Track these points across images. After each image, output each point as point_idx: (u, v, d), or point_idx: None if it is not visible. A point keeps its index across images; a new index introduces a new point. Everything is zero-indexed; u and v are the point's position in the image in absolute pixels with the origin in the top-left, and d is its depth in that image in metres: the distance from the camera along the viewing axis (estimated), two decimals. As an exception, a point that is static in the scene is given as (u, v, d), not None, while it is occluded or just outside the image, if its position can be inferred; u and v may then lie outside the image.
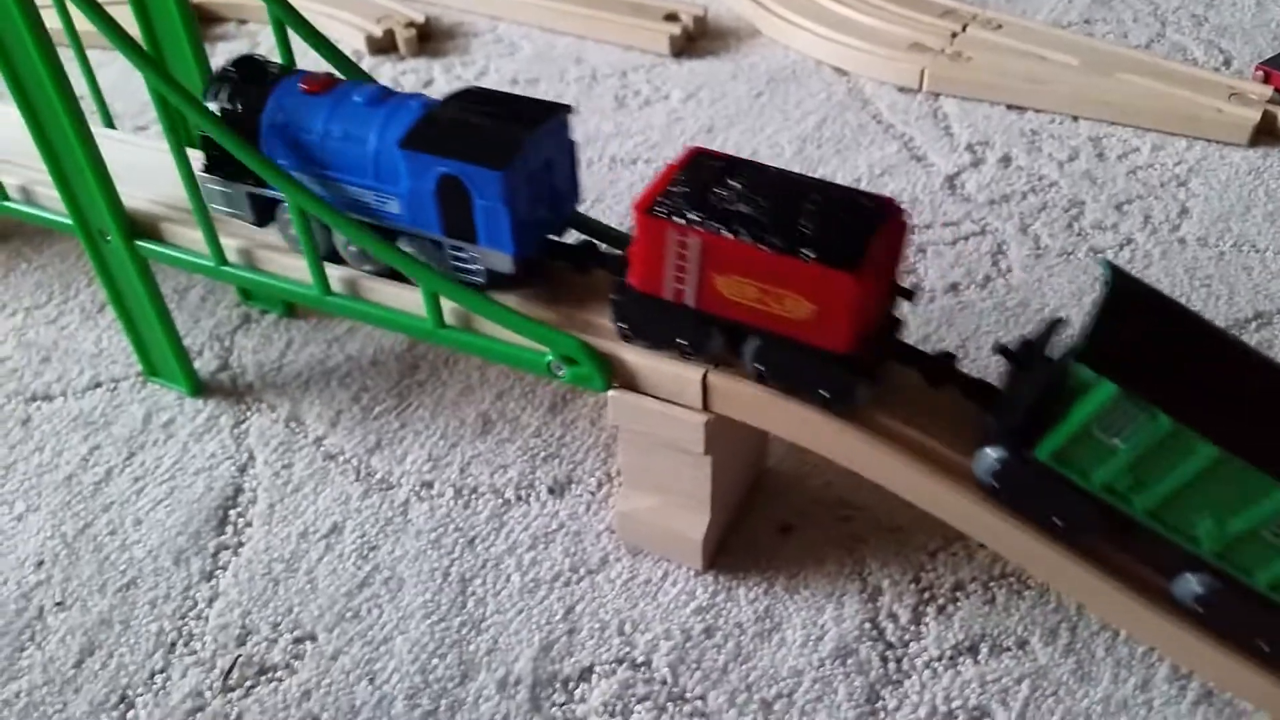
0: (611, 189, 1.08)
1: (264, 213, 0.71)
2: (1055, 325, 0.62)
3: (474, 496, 0.77)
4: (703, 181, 0.58)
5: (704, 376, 0.62)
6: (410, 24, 1.34)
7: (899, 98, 1.21)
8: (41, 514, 0.78)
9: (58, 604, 0.71)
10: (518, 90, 1.26)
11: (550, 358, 0.65)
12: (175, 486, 0.79)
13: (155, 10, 0.79)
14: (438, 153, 0.62)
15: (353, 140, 0.65)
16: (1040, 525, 0.60)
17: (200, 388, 0.86)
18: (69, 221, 0.77)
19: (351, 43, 1.33)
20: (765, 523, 0.74)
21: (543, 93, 1.25)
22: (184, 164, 0.70)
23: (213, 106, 0.67)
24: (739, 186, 0.58)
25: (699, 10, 1.34)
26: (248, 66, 0.69)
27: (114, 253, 0.78)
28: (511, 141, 0.61)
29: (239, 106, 0.67)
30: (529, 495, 0.77)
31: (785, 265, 0.55)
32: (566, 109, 0.66)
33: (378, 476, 0.79)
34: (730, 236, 0.56)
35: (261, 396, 0.86)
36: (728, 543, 0.73)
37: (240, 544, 0.75)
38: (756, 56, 1.31)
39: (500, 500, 0.77)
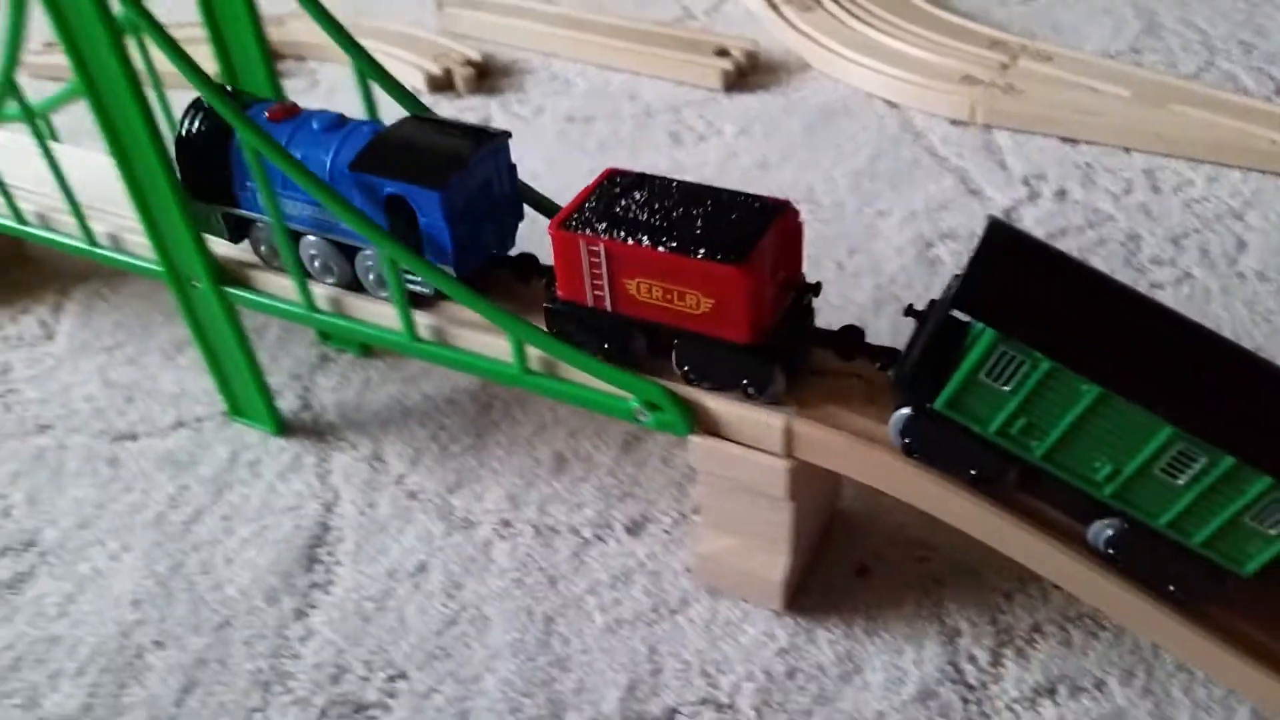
0: (672, 226, 1.10)
1: (238, 231, 0.77)
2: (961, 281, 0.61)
3: (553, 535, 0.79)
4: (611, 196, 0.64)
5: (787, 423, 0.63)
6: (468, 62, 1.37)
7: (951, 130, 1.23)
8: (135, 553, 0.80)
9: (156, 643, 0.74)
10: (574, 127, 1.29)
11: (634, 403, 0.67)
12: (264, 525, 0.81)
13: (236, 52, 0.82)
14: (384, 174, 0.68)
15: (310, 163, 0.70)
16: (957, 478, 0.61)
17: (283, 427, 0.89)
18: (158, 268, 0.80)
19: (411, 81, 1.36)
20: (841, 564, 0.76)
21: (598, 130, 1.28)
22: (277, 215, 0.72)
23: (184, 128, 0.73)
24: (643, 198, 0.64)
25: (750, 45, 1.37)
26: (224, 92, 0.73)
27: (202, 298, 0.80)
28: (451, 163, 0.67)
29: (213, 132, 0.73)
30: (606, 534, 0.79)
31: (682, 264, 0.60)
32: (505, 134, 0.72)
33: (459, 515, 0.81)
34: (632, 242, 0.61)
35: (343, 435, 0.89)
36: (805, 584, 0.74)
37: (330, 582, 0.77)
38: (808, 90, 1.32)
39: (579, 539, 0.79)
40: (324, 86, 1.42)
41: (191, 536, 0.81)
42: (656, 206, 0.63)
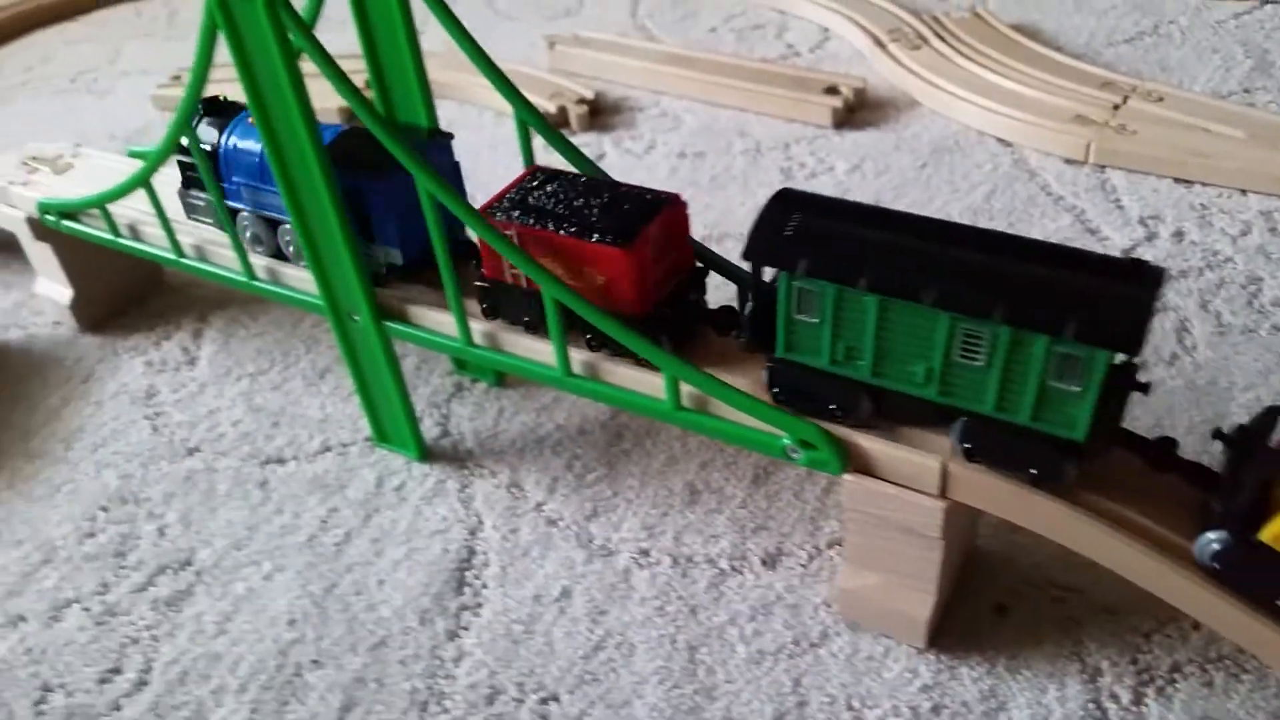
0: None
1: (229, 220, 0.88)
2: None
3: (690, 565, 0.81)
4: (529, 189, 0.75)
5: (944, 464, 0.65)
6: (581, 100, 1.40)
7: (1065, 169, 1.24)
8: (288, 574, 0.84)
9: (314, 661, 0.77)
10: (686, 163, 1.32)
11: (786, 441, 0.69)
12: (413, 548, 0.85)
13: (397, 91, 0.86)
14: (342, 169, 0.77)
15: None
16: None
17: (426, 453, 0.92)
18: (319, 302, 0.84)
19: (526, 116, 1.40)
20: (980, 602, 0.77)
21: (710, 165, 1.31)
22: (445, 252, 0.76)
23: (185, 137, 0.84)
24: (553, 191, 0.74)
25: (858, 83, 1.39)
26: (213, 104, 0.87)
27: (360, 331, 0.84)
28: (396, 161, 0.73)
29: (208, 136, 0.85)
30: (742, 566, 0.81)
31: (578, 247, 0.70)
32: (448, 136, 0.83)
33: (597, 543, 0.84)
34: (539, 228, 0.71)
35: (482, 462, 0.92)
36: (944, 622, 0.75)
37: (479, 605, 0.80)
38: (918, 127, 1.34)
39: (716, 570, 0.81)
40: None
41: (343, 558, 0.85)
42: (564, 198, 0.73)
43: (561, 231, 0.70)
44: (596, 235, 0.69)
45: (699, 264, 0.78)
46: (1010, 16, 1.59)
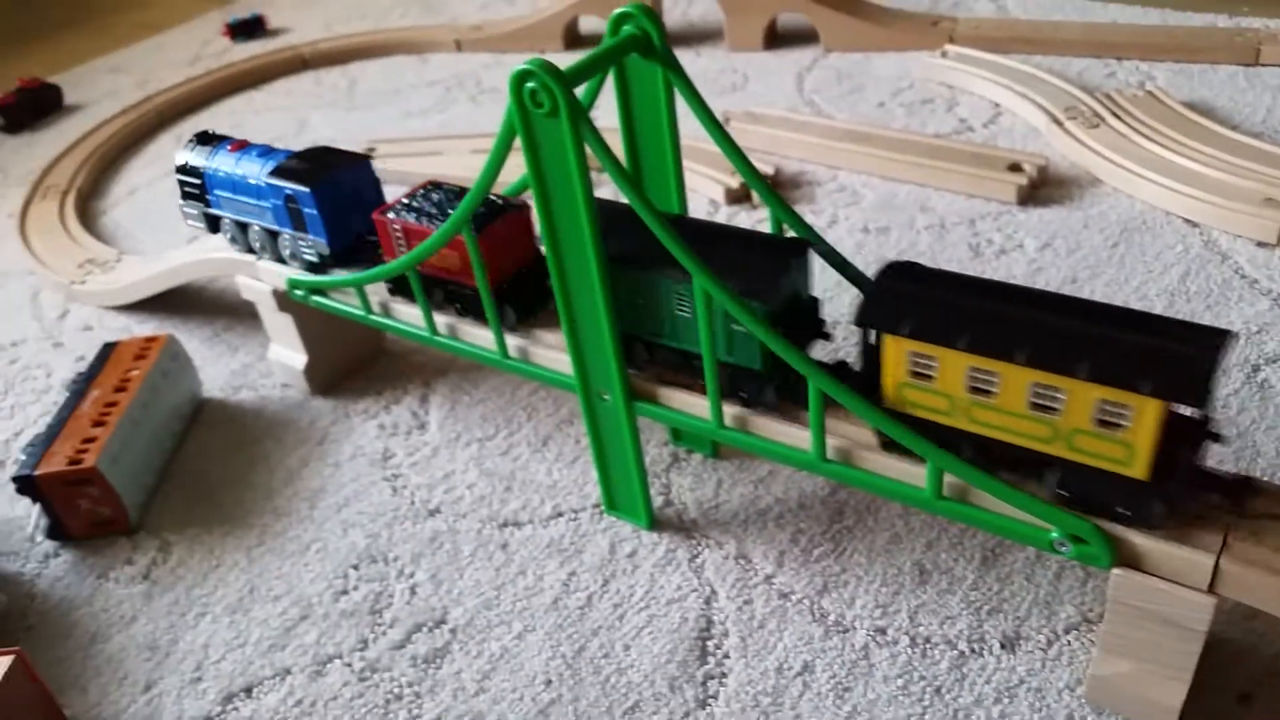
0: (988, 341, 1.15)
1: (213, 224, 1.16)
2: None
3: (929, 646, 0.84)
4: (420, 196, 0.98)
5: (1215, 561, 0.67)
6: (760, 176, 1.46)
7: (1258, 252, 1.24)
8: (538, 634, 0.89)
9: (573, 721, 0.82)
10: (870, 238, 1.36)
11: (1055, 535, 0.71)
12: (653, 615, 0.89)
13: (651, 177, 0.92)
14: (283, 180, 1.04)
15: (249, 175, 1.08)
16: None
17: (654, 522, 0.97)
18: (570, 381, 0.90)
19: (711, 194, 1.46)
20: (1223, 690, 0.78)
21: (895, 240, 1.34)
22: (710, 354, 0.80)
23: (181, 158, 1.15)
24: (438, 199, 0.97)
25: (1041, 160, 1.41)
26: (203, 136, 1.16)
27: (608, 409, 0.89)
28: (324, 173, 1.03)
29: (198, 159, 1.14)
30: (981, 648, 0.83)
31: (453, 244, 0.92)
32: (366, 158, 1.08)
33: (832, 619, 0.87)
34: (414, 222, 0.94)
35: (707, 533, 0.96)
36: (1187, 708, 0.77)
37: (724, 674, 0.84)
38: (1104, 206, 1.36)
39: (955, 651, 0.83)
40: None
41: (587, 621, 0.89)
42: (439, 202, 0.96)
43: (433, 226, 0.93)
44: (455, 227, 0.91)
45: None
46: (1181, 94, 1.60)
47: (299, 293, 1.09)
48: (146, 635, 0.94)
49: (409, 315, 1.01)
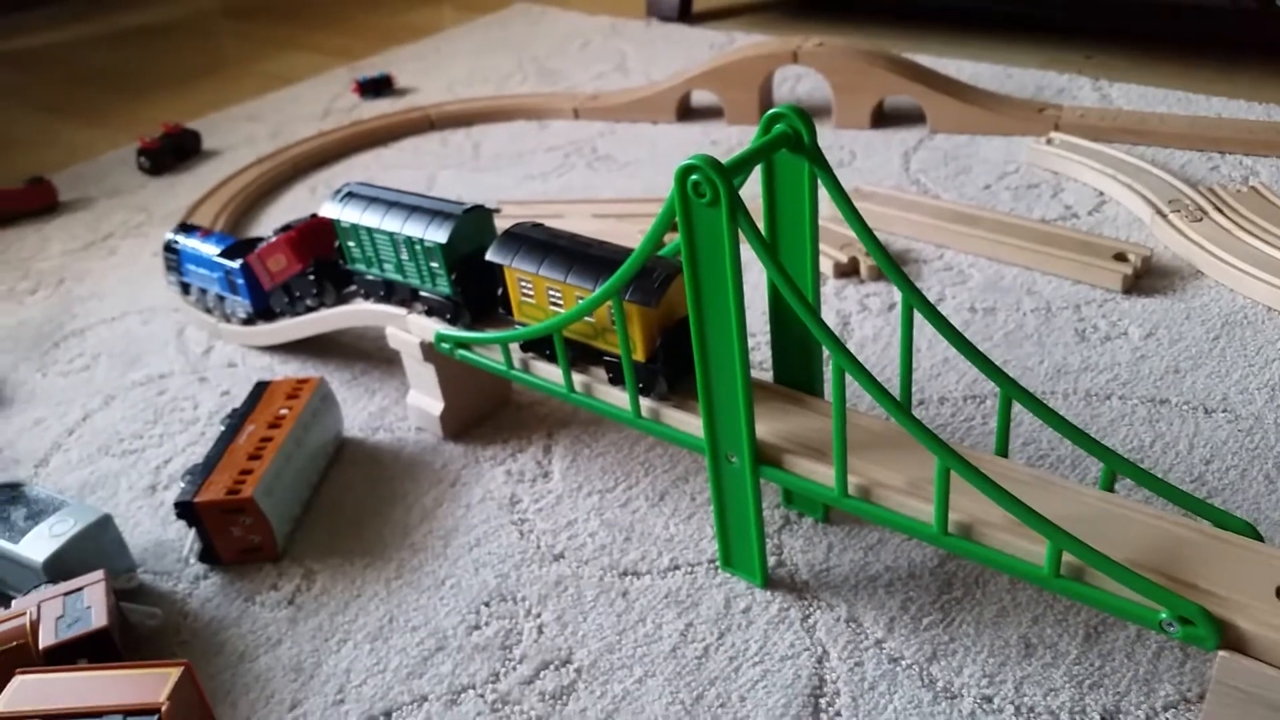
0: (1093, 424, 1.19)
1: (185, 289, 1.60)
2: None
3: (1033, 715, 0.88)
4: (285, 226, 1.38)
5: (1322, 654, 0.71)
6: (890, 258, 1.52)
7: (1364, 351, 1.27)
8: (658, 680, 0.95)
9: (692, 763, 0.87)
10: (977, 318, 1.41)
11: (1164, 615, 0.76)
12: (767, 670, 0.94)
13: (788, 256, 0.98)
14: (225, 258, 1.45)
15: (206, 253, 1.49)
16: None
17: (768, 581, 1.03)
18: (699, 441, 0.97)
19: (822, 267, 1.52)
20: (1325, 780, 0.81)
21: (1002, 322, 1.39)
22: (839, 401, 0.87)
23: (166, 238, 1.59)
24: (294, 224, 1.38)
25: (1146, 251, 1.46)
26: (184, 227, 1.57)
27: (734, 471, 0.96)
28: (250, 253, 1.42)
29: (178, 242, 1.55)
30: (1084, 720, 0.87)
31: (276, 243, 1.35)
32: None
33: (940, 685, 0.92)
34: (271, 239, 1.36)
35: (818, 595, 1.01)
36: (1291, 794, 0.80)
37: (837, 731, 0.89)
38: (1206, 298, 1.40)
39: (1059, 722, 0.87)
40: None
41: (704, 671, 0.95)
42: (286, 225, 1.37)
43: (275, 237, 1.36)
44: (278, 234, 1.36)
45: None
46: (1287, 189, 1.63)
47: (445, 346, 1.18)
48: (291, 657, 1.02)
49: (547, 372, 1.09)
